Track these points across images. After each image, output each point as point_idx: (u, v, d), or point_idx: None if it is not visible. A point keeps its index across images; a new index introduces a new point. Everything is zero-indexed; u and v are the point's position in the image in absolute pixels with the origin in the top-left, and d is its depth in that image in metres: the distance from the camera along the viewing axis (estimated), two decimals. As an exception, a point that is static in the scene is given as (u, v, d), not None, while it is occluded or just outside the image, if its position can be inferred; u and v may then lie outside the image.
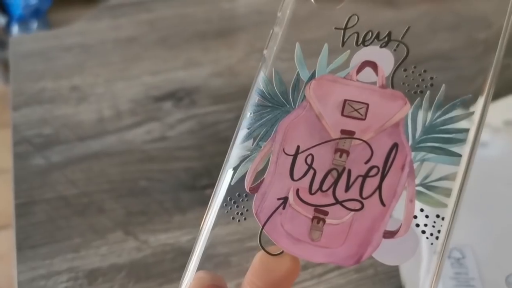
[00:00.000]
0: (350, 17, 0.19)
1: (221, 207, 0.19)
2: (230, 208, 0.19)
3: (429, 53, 0.19)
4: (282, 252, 0.17)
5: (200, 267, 0.19)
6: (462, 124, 0.18)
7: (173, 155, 0.40)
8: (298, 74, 0.19)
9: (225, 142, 0.44)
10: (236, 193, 0.19)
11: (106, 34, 0.51)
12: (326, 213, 0.18)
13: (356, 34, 0.19)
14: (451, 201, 0.17)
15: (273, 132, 0.19)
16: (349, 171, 0.18)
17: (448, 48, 0.20)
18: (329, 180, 0.18)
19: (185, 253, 0.30)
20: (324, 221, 0.18)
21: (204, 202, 0.38)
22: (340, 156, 0.18)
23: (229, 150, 0.19)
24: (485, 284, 0.30)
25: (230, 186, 0.19)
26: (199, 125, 0.42)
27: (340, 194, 0.18)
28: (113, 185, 0.38)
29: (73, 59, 0.50)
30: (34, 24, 0.54)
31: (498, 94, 0.40)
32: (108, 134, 0.43)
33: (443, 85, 0.18)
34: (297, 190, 0.18)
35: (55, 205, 0.37)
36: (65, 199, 0.37)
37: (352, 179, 0.18)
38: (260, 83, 0.19)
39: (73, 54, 0.50)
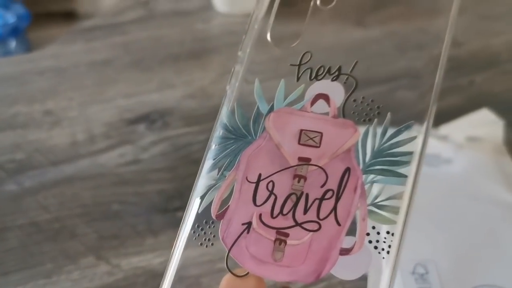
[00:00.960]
0: (304, 54, 0.22)
1: (190, 234, 0.21)
2: (198, 235, 0.21)
3: (376, 83, 0.23)
4: (247, 274, 0.20)
5: (172, 288, 0.19)
6: (406, 148, 0.20)
7: (146, 177, 0.43)
8: (258, 108, 0.22)
9: (197, 164, 0.47)
10: (203, 220, 0.21)
11: (79, 57, 0.53)
12: (287, 235, 0.20)
13: (309, 70, 0.22)
14: (400, 218, 0.20)
15: (236, 162, 0.21)
16: (307, 195, 0.21)
17: (393, 76, 0.23)
18: (289, 204, 0.21)
19: (157, 276, 0.32)
20: (285, 243, 0.20)
21: (176, 225, 0.40)
22: (298, 182, 0.21)
23: (196, 179, 0.22)
24: None
25: (197, 214, 0.21)
26: (172, 147, 0.45)
27: (299, 216, 0.20)
28: (86, 209, 0.40)
29: (46, 83, 0.52)
30: (13, 43, 0.55)
31: (462, 110, 0.43)
32: (81, 158, 0.45)
33: (389, 113, 0.21)
34: (260, 215, 0.21)
35: (27, 231, 0.38)
36: (37, 224, 0.39)
37: (309, 202, 0.21)
38: (223, 117, 0.22)
39: (47, 77, 0.52)
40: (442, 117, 0.43)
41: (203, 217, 0.21)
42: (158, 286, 0.28)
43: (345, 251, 0.19)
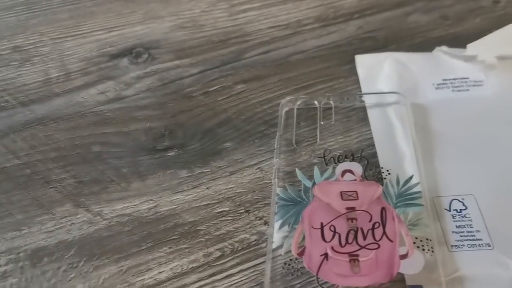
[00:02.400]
0: (325, 150, 0.36)
1: (281, 271, 0.29)
2: (287, 269, 0.29)
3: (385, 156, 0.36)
4: None
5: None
6: (416, 189, 0.32)
7: (131, 115, 0.42)
8: (303, 184, 0.34)
9: (190, 99, 0.45)
10: (289, 258, 0.30)
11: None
12: (357, 255, 0.29)
13: (332, 158, 0.35)
14: (429, 230, 0.30)
15: (300, 218, 0.31)
16: (361, 229, 0.30)
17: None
18: (351, 237, 0.30)
19: (145, 223, 0.34)
20: (358, 260, 0.29)
21: (166, 166, 0.41)
22: (352, 222, 0.31)
23: (269, 235, 0.31)
24: (494, 236, 0.30)
25: (281, 255, 0.30)
26: (159, 81, 0.44)
27: (361, 242, 0.30)
28: (61, 152, 0.38)
29: (15, 18, 0.47)
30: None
31: (486, 33, 0.42)
32: (55, 97, 0.44)
33: (396, 173, 0.34)
34: (332, 247, 0.30)
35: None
36: (5, 171, 0.37)
37: (365, 232, 0.30)
38: (279, 193, 0.33)
39: (15, 12, 0.47)
40: (466, 40, 0.43)
41: (287, 256, 0.30)
42: (146, 234, 0.33)
43: (403, 256, 0.29)
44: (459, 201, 0.32)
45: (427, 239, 0.30)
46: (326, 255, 0.29)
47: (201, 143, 0.38)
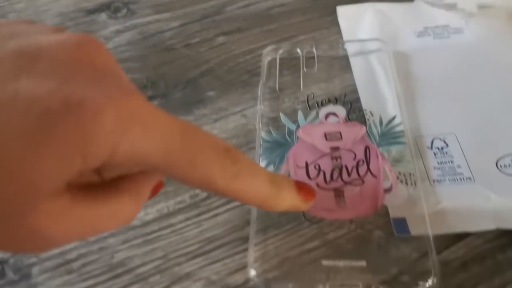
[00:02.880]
0: (308, 95, 0.36)
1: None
2: None
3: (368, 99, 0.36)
4: None
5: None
6: (398, 128, 0.33)
7: None
8: (287, 127, 0.34)
9: (171, 51, 0.44)
10: None
11: None
12: (342, 191, 0.30)
13: (316, 102, 0.35)
14: (411, 166, 0.31)
15: (285, 158, 0.32)
16: (346, 166, 0.31)
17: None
18: (335, 174, 0.30)
19: None
20: (343, 195, 0.30)
21: None
22: (336, 160, 0.31)
23: None
24: (474, 171, 0.31)
25: None
26: (140, 35, 0.43)
27: (346, 178, 0.30)
28: None
29: None
30: None
31: None
32: None
33: (379, 114, 0.34)
34: (317, 184, 0.30)
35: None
36: None
37: (349, 169, 0.31)
38: (264, 137, 0.33)
39: None
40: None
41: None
42: None
43: (387, 190, 0.30)
44: (441, 139, 0.33)
45: (410, 173, 0.30)
46: (312, 191, 0.30)
47: (184, 93, 0.38)
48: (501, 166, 0.31)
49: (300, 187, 0.23)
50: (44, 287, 0.28)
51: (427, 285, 0.26)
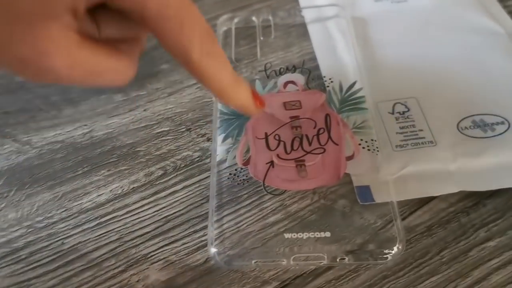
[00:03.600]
0: (266, 64, 0.35)
1: (227, 181, 0.28)
2: (233, 179, 0.28)
3: (327, 66, 0.34)
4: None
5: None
6: (359, 94, 0.32)
7: None
8: None
9: None
10: (234, 169, 0.29)
11: None
12: (303, 161, 0.29)
13: (274, 71, 0.34)
14: (373, 132, 0.30)
15: (244, 130, 0.30)
16: (306, 135, 0.30)
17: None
18: (296, 144, 0.29)
19: (80, 148, 0.33)
20: (304, 165, 0.29)
21: (99, 91, 0.41)
22: (296, 129, 0.30)
23: (212, 150, 0.30)
24: (436, 134, 0.30)
25: (227, 167, 0.29)
26: None
27: (307, 148, 0.29)
28: None
29: None
30: None
31: None
32: None
33: (339, 80, 0.33)
34: (277, 155, 0.29)
35: None
36: None
37: (310, 138, 0.29)
38: (221, 108, 0.32)
39: None
40: None
41: (232, 168, 0.29)
42: (82, 159, 0.32)
43: (349, 158, 0.29)
44: (402, 104, 0.32)
45: (372, 140, 0.29)
46: (272, 163, 0.28)
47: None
48: (461, 128, 0.30)
49: (254, 93, 0.25)
50: (-10, 279, 0.26)
51: (392, 253, 0.25)
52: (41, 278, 0.26)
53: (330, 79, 0.33)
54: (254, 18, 0.37)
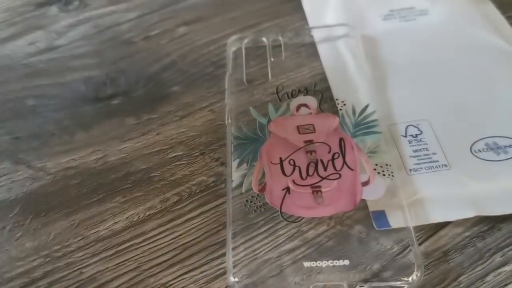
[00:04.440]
0: (278, 86, 0.34)
1: (243, 208, 0.28)
2: (250, 207, 0.28)
3: (339, 88, 0.35)
4: None
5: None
6: (372, 117, 0.32)
7: (67, 65, 0.40)
8: (258, 122, 0.32)
9: (130, 45, 0.43)
10: (250, 195, 0.29)
11: None
12: (319, 187, 0.29)
13: (286, 94, 0.34)
14: (388, 156, 0.30)
15: (258, 155, 0.30)
16: (321, 160, 0.30)
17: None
18: (311, 169, 0.29)
19: (95, 175, 0.33)
20: (320, 191, 0.29)
21: (111, 114, 0.39)
22: (311, 154, 0.30)
23: (227, 174, 0.30)
24: (450, 157, 0.31)
25: (242, 193, 0.29)
26: (95, 29, 0.41)
27: (322, 173, 0.29)
28: None
29: None
30: None
31: None
32: None
33: (352, 103, 0.33)
34: (293, 180, 0.29)
35: None
36: None
37: (325, 163, 0.30)
38: (235, 132, 0.32)
39: None
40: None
41: (248, 194, 0.29)
42: (97, 186, 0.32)
43: (365, 183, 0.29)
44: (414, 126, 0.32)
45: (386, 164, 0.30)
46: (288, 189, 0.28)
47: (146, 89, 0.36)
48: (475, 151, 0.31)
49: None
50: (9, 310, 0.26)
51: (410, 280, 0.25)
52: (61, 309, 0.26)
53: (342, 101, 0.33)
54: (264, 39, 0.38)
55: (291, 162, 0.30)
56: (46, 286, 0.27)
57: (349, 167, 0.29)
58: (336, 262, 0.26)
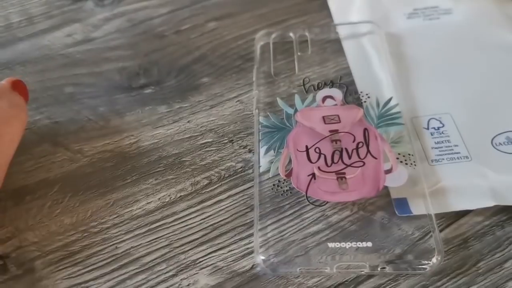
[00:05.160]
0: (304, 79, 0.36)
1: (270, 191, 0.30)
2: (277, 190, 0.30)
3: (363, 82, 0.36)
4: None
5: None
6: (395, 109, 0.33)
7: (102, 56, 0.41)
8: (285, 112, 0.34)
9: (161, 38, 0.45)
10: (277, 180, 0.30)
11: None
12: (344, 173, 0.30)
13: (312, 86, 0.35)
14: (410, 146, 0.31)
15: (285, 142, 0.32)
16: (346, 149, 0.31)
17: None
18: (336, 157, 0.30)
19: (129, 158, 0.34)
20: (345, 177, 0.30)
21: (143, 103, 0.43)
22: (336, 143, 0.31)
23: (255, 161, 0.31)
24: (471, 149, 0.31)
25: (270, 178, 0.30)
26: (129, 22, 0.43)
27: (347, 161, 0.30)
28: (32, 95, 0.37)
29: None
30: None
31: None
32: (19, 41, 0.43)
33: (376, 96, 0.34)
34: (319, 167, 0.30)
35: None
36: None
37: (350, 152, 0.31)
38: (262, 121, 0.33)
39: None
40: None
41: (275, 179, 0.30)
42: (130, 168, 0.33)
43: (388, 171, 0.30)
44: (436, 119, 0.33)
45: (409, 154, 0.31)
46: (313, 175, 0.29)
47: (178, 80, 0.38)
48: (496, 144, 0.31)
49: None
50: (49, 281, 0.27)
51: (431, 263, 0.26)
52: (97, 280, 0.27)
53: (366, 94, 0.34)
54: (291, 34, 0.39)
55: (317, 150, 0.31)
56: (83, 259, 0.28)
57: (372, 156, 0.30)
58: (359, 244, 0.27)
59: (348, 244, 0.27)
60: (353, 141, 0.31)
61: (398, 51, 0.38)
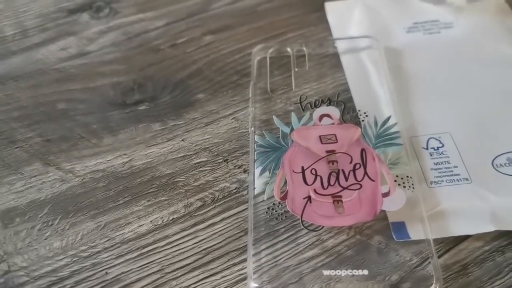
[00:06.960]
0: (301, 96, 0.35)
1: (265, 216, 0.29)
2: (271, 214, 0.29)
3: (361, 99, 0.35)
4: None
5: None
6: (394, 129, 0.33)
7: (97, 71, 0.41)
8: (281, 131, 0.33)
9: (157, 52, 0.44)
10: (271, 203, 0.29)
11: None
12: (340, 196, 0.29)
13: (309, 103, 0.34)
14: (408, 168, 0.31)
15: (281, 163, 0.31)
16: (343, 170, 0.30)
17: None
18: (333, 179, 0.30)
19: (121, 178, 0.34)
20: (341, 201, 0.29)
21: (137, 120, 0.42)
22: (333, 164, 0.30)
23: (250, 181, 0.31)
24: (471, 171, 0.31)
25: (264, 201, 0.29)
26: (124, 36, 0.42)
27: (343, 183, 0.30)
28: (25, 111, 0.37)
29: None
30: None
31: None
32: (12, 55, 0.42)
33: (374, 114, 0.33)
34: (314, 189, 0.29)
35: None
36: None
37: (346, 173, 0.30)
38: (258, 141, 0.32)
39: None
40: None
41: (270, 202, 0.29)
42: (123, 189, 0.33)
43: (385, 194, 0.29)
44: (436, 139, 0.32)
45: (407, 176, 0.30)
46: (309, 198, 0.29)
47: (173, 96, 0.37)
48: (497, 165, 0.31)
49: None
50: (37, 307, 0.27)
51: (430, 292, 0.26)
52: (87, 308, 0.27)
53: (364, 113, 0.33)
54: (288, 49, 0.38)
55: (313, 171, 0.30)
56: (72, 285, 0.27)
57: (370, 178, 0.29)
58: (355, 272, 0.26)
59: (344, 272, 0.26)
60: (350, 162, 0.30)
61: (397, 65, 0.37)
